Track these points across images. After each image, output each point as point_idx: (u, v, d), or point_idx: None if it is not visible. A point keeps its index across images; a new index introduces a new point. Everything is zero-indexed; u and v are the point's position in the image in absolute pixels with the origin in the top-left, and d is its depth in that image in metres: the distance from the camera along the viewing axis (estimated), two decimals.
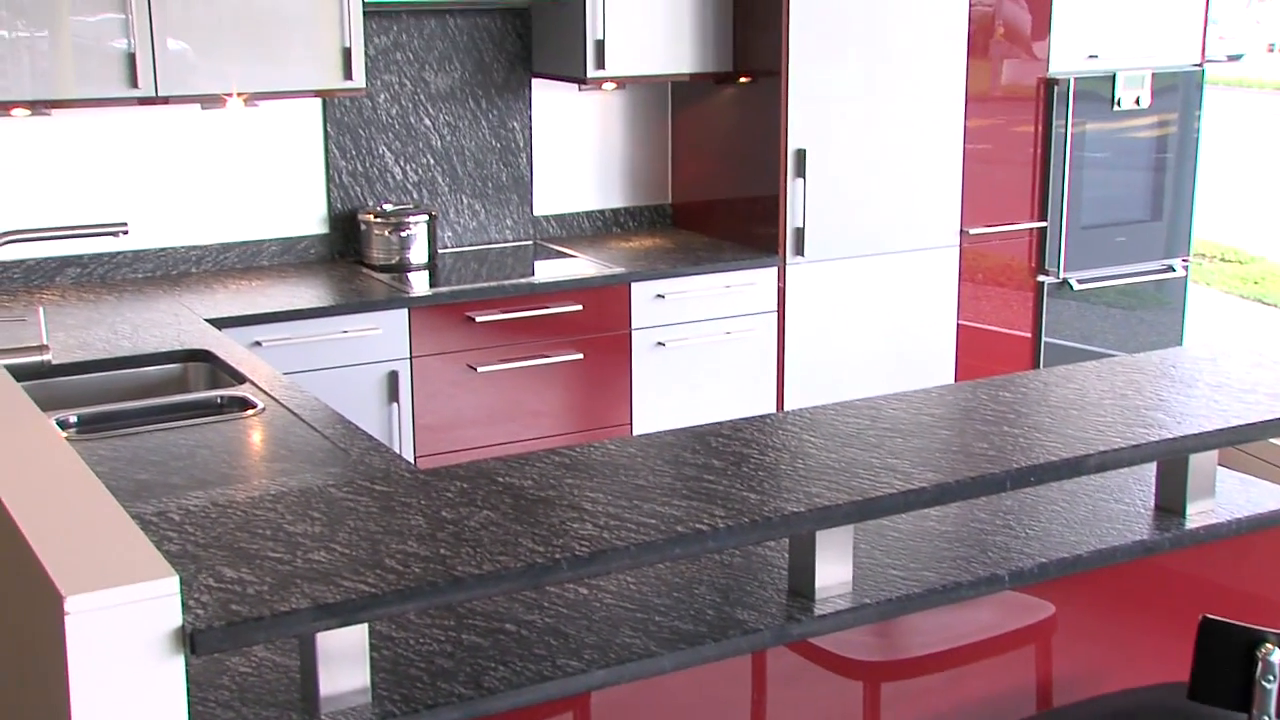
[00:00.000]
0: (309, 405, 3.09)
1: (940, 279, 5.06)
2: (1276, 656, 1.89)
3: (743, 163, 4.88)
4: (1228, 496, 2.38)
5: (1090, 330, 5.44)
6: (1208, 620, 1.93)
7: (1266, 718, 1.90)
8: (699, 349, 4.66)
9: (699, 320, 4.65)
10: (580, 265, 4.65)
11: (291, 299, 4.17)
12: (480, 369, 4.32)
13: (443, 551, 1.73)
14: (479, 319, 4.31)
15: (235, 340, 3.73)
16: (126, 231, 3.29)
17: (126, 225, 3.30)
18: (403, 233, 4.56)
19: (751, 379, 4.78)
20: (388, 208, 4.65)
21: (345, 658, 1.70)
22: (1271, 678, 1.89)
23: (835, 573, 2.02)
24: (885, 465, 2.04)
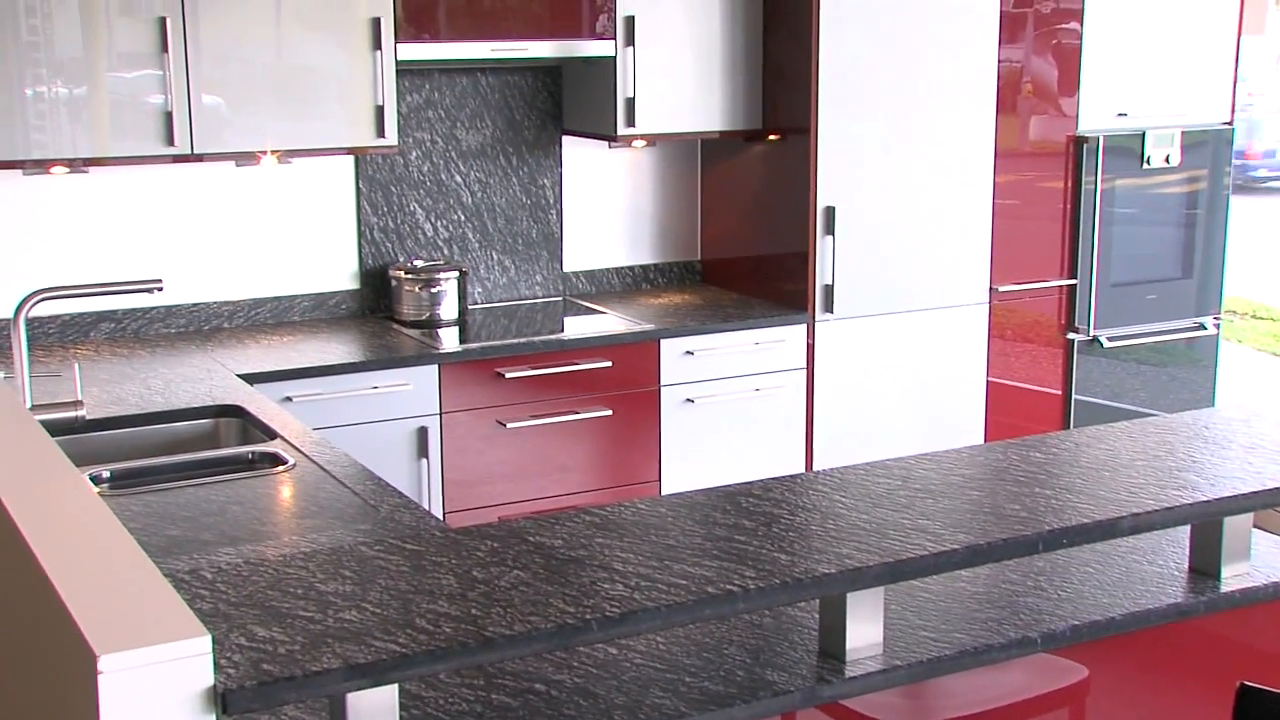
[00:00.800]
0: (339, 461, 3.10)
1: (970, 336, 5.05)
2: None
3: (772, 220, 4.90)
4: (1263, 559, 2.36)
5: (1121, 388, 5.41)
6: (1246, 687, 1.91)
7: None
8: (728, 406, 4.66)
9: (728, 377, 4.65)
10: (609, 321, 4.66)
11: (322, 354, 4.19)
12: (509, 425, 4.33)
13: (474, 611, 1.73)
14: (508, 375, 4.33)
15: (266, 395, 3.75)
16: (161, 288, 3.31)
17: (161, 281, 3.33)
18: (433, 289, 4.59)
19: (780, 436, 4.77)
20: (418, 264, 4.68)
21: (375, 717, 1.70)
22: None
23: (866, 634, 2.01)
24: (916, 526, 2.04)
